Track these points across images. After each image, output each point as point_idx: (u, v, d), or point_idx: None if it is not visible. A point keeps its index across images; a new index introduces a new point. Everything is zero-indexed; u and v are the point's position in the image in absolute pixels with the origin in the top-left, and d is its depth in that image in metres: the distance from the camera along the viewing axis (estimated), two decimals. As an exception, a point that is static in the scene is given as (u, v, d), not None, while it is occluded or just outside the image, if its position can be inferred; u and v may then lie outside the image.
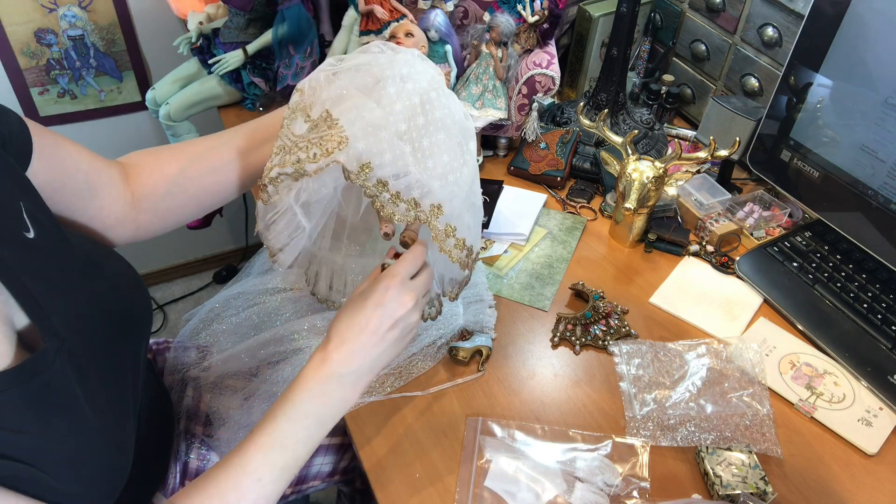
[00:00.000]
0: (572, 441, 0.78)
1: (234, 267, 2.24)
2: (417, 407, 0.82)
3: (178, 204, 0.80)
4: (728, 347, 0.88)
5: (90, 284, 0.63)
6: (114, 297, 0.65)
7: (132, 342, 0.67)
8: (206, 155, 0.80)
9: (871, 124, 0.88)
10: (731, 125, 1.09)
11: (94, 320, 0.61)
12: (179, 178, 0.79)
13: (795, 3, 1.07)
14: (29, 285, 0.55)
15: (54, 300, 0.57)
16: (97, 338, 0.61)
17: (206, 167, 0.80)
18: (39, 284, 0.56)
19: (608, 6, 1.30)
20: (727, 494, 0.71)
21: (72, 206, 0.70)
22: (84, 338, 0.58)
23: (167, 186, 0.79)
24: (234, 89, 1.36)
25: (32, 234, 0.58)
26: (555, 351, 0.90)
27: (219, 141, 0.81)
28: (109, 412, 0.60)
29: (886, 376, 0.84)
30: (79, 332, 0.58)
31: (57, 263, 0.60)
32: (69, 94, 1.70)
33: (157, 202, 0.79)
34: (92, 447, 0.57)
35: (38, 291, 0.56)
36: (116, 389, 0.62)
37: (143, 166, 0.79)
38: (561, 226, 1.11)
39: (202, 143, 0.82)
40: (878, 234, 0.91)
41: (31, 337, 0.55)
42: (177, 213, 0.81)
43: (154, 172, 0.79)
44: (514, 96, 1.18)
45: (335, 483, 1.00)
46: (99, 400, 0.58)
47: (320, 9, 1.38)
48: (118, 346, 0.64)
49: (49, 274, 0.58)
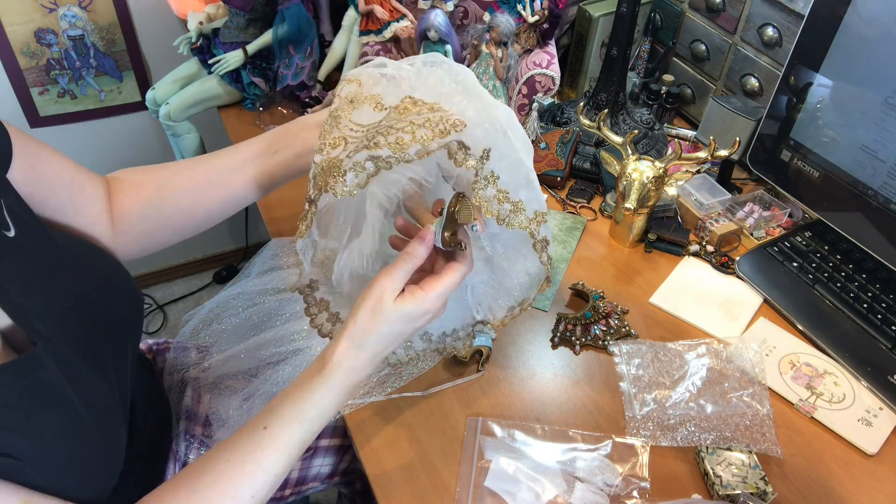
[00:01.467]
0: (572, 441, 0.78)
1: (234, 267, 2.24)
2: (417, 407, 0.82)
3: (155, 227, 0.77)
4: (728, 347, 0.88)
5: (75, 284, 0.62)
6: (101, 297, 0.65)
7: (121, 342, 0.66)
8: (183, 174, 0.77)
9: (871, 124, 0.88)
10: (731, 125, 1.09)
11: (79, 320, 0.60)
12: (155, 199, 0.76)
13: (795, 3, 1.07)
14: (6, 286, 0.55)
15: (34, 300, 0.56)
16: (83, 337, 0.60)
17: (182, 187, 0.76)
18: (17, 284, 0.56)
19: (608, 6, 1.30)
20: (727, 494, 0.71)
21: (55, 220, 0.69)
22: (70, 337, 0.58)
23: (143, 208, 0.76)
24: (234, 89, 1.36)
25: (13, 233, 0.57)
26: (555, 351, 0.90)
27: (199, 160, 0.78)
28: (101, 411, 0.59)
29: (886, 376, 0.84)
30: (63, 332, 0.58)
31: (38, 263, 0.59)
32: (69, 94, 1.70)
33: (133, 224, 0.76)
34: (84, 446, 0.57)
35: (16, 292, 0.55)
36: (106, 389, 0.62)
37: (124, 184, 0.76)
38: (561, 226, 1.11)
39: (182, 163, 0.79)
40: (878, 234, 0.91)
41: (17, 338, 0.55)
42: (154, 236, 0.78)
43: (132, 193, 0.76)
44: (514, 96, 1.18)
45: (335, 485, 1.00)
46: (90, 399, 0.58)
47: (320, 9, 1.38)
48: (107, 345, 0.63)
49: (29, 274, 0.57)
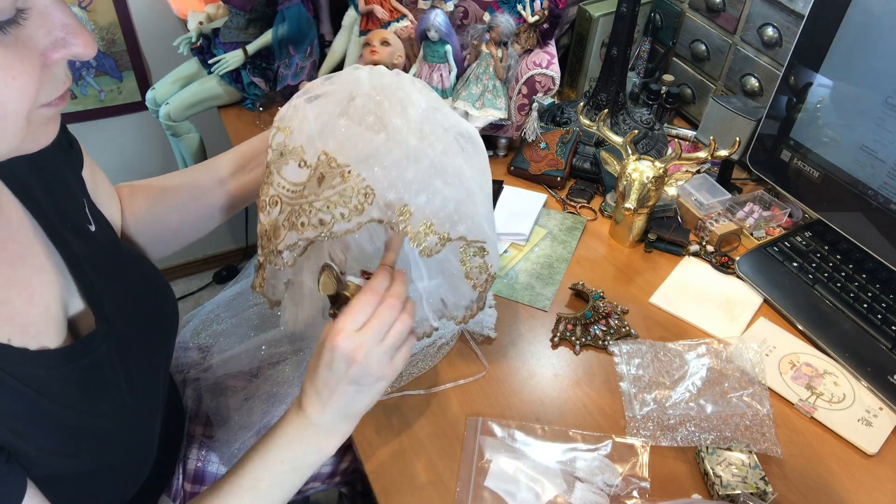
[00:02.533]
0: (572, 441, 0.78)
1: (234, 267, 2.24)
2: (417, 407, 0.82)
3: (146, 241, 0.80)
4: (728, 347, 0.88)
5: (135, 281, 0.68)
6: (152, 294, 0.70)
7: (165, 338, 0.71)
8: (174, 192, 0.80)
9: (871, 124, 0.88)
10: (731, 125, 1.09)
11: (136, 312, 0.65)
12: (147, 216, 0.79)
13: (795, 3, 1.07)
14: (89, 273, 0.60)
15: (108, 288, 0.61)
16: (138, 328, 0.65)
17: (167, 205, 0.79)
18: (96, 273, 0.61)
19: (608, 6, 1.30)
20: (727, 494, 0.71)
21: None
22: (128, 326, 0.63)
23: (136, 225, 0.79)
24: (234, 89, 1.36)
25: (94, 228, 0.63)
26: (555, 351, 0.90)
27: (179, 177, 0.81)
28: (144, 400, 0.64)
29: (886, 376, 0.84)
30: (124, 320, 0.62)
31: (110, 257, 0.65)
32: (69, 94, 1.69)
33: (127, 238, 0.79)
34: (128, 430, 0.61)
35: (96, 279, 0.60)
36: (151, 379, 0.66)
37: (124, 199, 0.79)
38: (561, 226, 1.11)
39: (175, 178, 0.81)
40: (878, 234, 0.91)
41: (80, 322, 0.60)
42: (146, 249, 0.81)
43: (126, 208, 0.79)
44: (514, 96, 1.18)
45: (336, 485, 1.00)
46: (137, 387, 0.62)
47: (320, 9, 1.38)
48: (154, 339, 0.68)
49: (104, 265, 0.62)
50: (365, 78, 0.61)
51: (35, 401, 0.51)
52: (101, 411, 0.57)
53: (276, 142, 0.60)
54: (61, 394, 0.54)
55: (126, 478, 0.64)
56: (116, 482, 0.62)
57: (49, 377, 0.53)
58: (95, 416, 0.57)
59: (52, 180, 0.61)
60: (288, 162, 0.58)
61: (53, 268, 0.58)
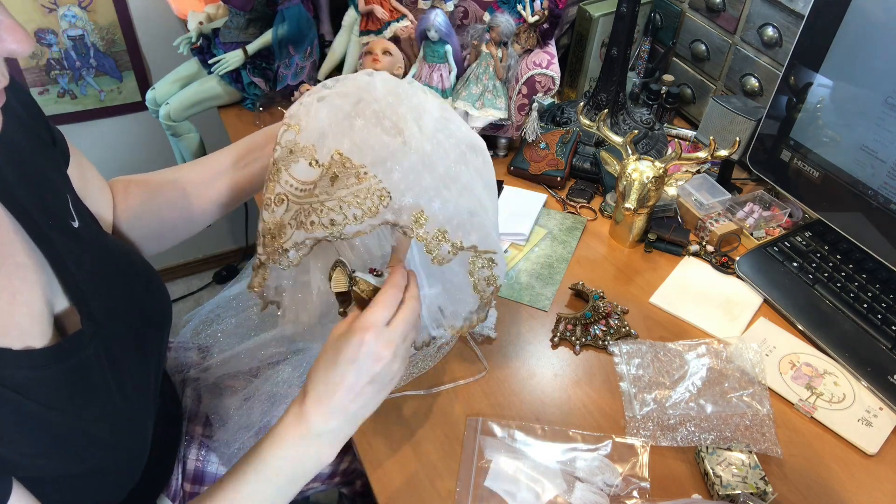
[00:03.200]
0: (572, 441, 0.78)
1: (234, 267, 2.24)
2: (418, 407, 0.82)
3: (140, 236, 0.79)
4: (728, 347, 0.88)
5: (123, 277, 0.66)
6: (143, 292, 0.68)
7: (157, 337, 0.69)
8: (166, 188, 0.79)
9: (871, 124, 0.88)
10: (731, 125, 1.09)
11: (125, 310, 0.63)
12: (141, 211, 0.78)
13: (795, 3, 1.07)
14: (73, 270, 0.58)
15: (93, 286, 0.59)
16: (128, 327, 0.63)
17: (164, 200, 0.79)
18: (81, 270, 0.59)
19: (608, 6, 1.30)
20: (727, 494, 0.71)
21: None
22: (117, 325, 0.61)
23: (130, 220, 0.78)
24: (234, 89, 1.36)
25: (77, 224, 0.61)
26: (555, 351, 0.90)
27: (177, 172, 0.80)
28: (136, 400, 0.62)
29: (886, 376, 0.84)
30: (112, 318, 0.60)
31: (96, 254, 0.63)
32: (69, 94, 1.70)
33: (121, 233, 0.78)
34: (119, 432, 0.59)
35: (80, 277, 0.58)
36: (142, 379, 0.64)
37: (118, 194, 0.78)
38: (561, 226, 1.11)
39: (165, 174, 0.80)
40: (878, 234, 0.91)
41: (67, 320, 0.58)
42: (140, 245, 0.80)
43: (120, 203, 0.78)
44: (514, 96, 1.18)
45: (336, 485, 1.00)
46: (126, 387, 0.60)
47: (320, 9, 1.38)
48: (146, 337, 0.66)
49: (89, 262, 0.61)
50: (379, 83, 0.61)
51: (19, 404, 0.50)
52: (89, 413, 0.55)
53: (286, 139, 0.59)
54: (47, 395, 0.52)
55: (117, 480, 0.62)
56: (107, 484, 0.61)
57: (35, 378, 0.51)
58: (84, 418, 0.55)
59: (33, 178, 0.59)
60: (298, 160, 0.58)
61: (36, 266, 0.56)
